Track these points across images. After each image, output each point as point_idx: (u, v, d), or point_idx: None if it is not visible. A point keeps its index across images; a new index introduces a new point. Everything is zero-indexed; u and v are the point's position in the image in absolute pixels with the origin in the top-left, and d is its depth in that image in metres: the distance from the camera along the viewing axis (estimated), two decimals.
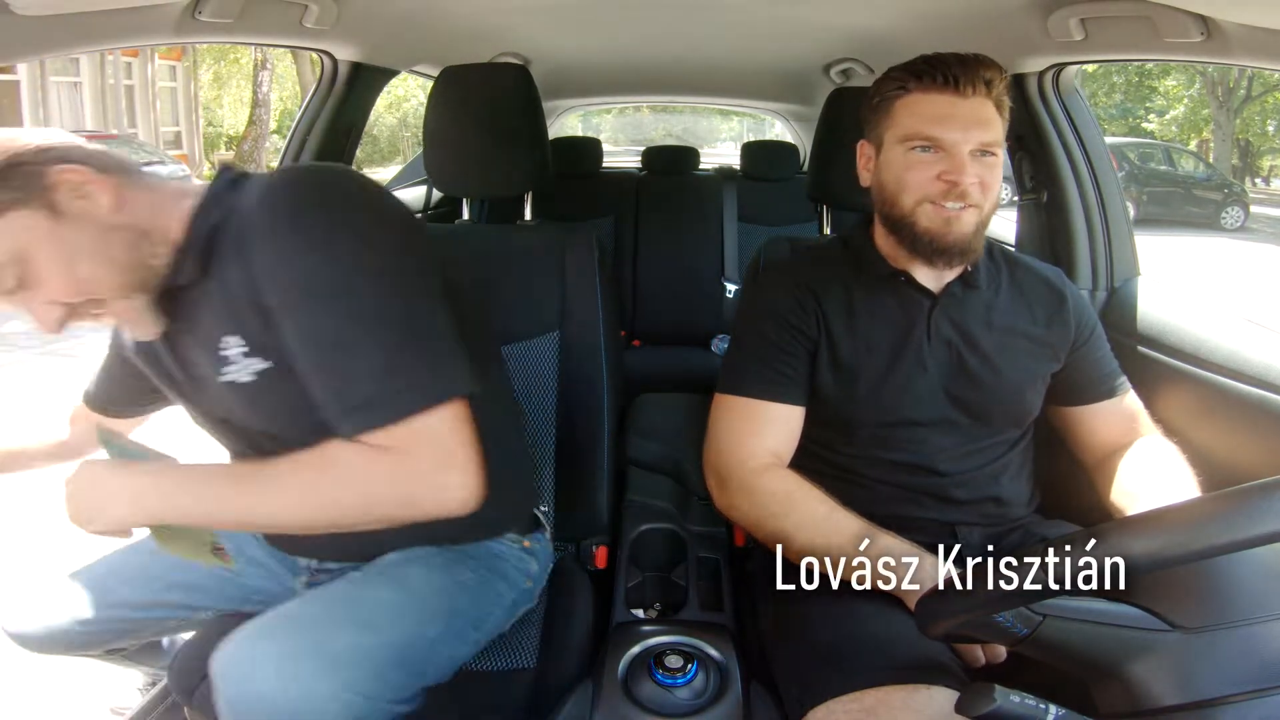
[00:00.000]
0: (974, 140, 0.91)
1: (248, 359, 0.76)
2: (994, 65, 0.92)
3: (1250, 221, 11.14)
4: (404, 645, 0.78)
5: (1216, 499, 0.52)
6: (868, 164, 1.00)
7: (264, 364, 0.76)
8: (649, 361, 2.29)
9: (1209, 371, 1.08)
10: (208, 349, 0.78)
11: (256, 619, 0.76)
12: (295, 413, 0.76)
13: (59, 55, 1.05)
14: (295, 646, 0.72)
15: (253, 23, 1.16)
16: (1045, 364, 1.01)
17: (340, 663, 0.72)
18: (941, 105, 0.91)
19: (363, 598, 0.80)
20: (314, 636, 0.73)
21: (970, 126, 0.91)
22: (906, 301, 0.99)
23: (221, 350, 0.77)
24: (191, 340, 0.80)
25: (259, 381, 0.77)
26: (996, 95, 0.92)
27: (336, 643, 0.73)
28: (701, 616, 1.05)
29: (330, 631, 0.74)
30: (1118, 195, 1.39)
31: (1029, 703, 0.56)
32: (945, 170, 0.91)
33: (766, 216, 2.62)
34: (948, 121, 0.91)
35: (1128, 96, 15.16)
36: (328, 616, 0.76)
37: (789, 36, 1.83)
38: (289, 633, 0.73)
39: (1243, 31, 0.90)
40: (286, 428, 0.79)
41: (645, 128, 11.67)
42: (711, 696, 0.87)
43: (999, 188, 0.95)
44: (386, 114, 12.91)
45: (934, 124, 0.91)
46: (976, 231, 0.94)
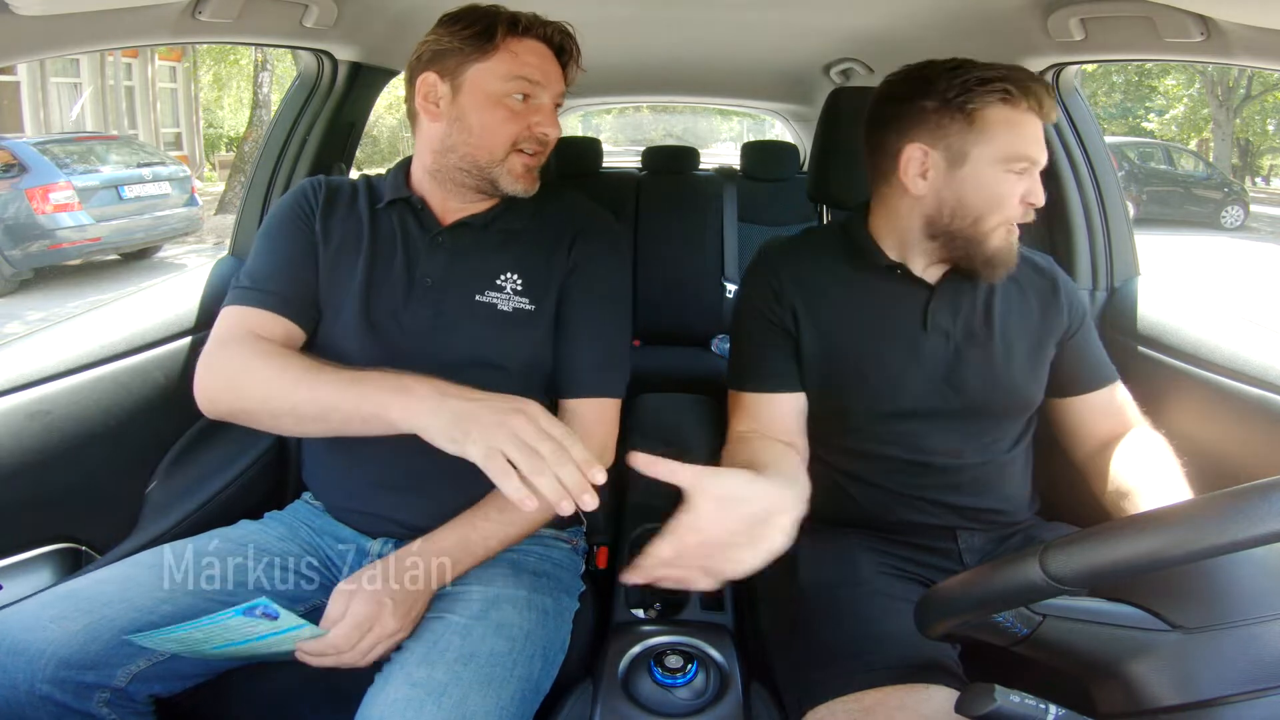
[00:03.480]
0: (1042, 162, 0.91)
1: (518, 296, 0.98)
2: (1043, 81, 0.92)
3: (1250, 220, 11.14)
4: (521, 695, 0.82)
5: (1215, 500, 0.52)
6: (924, 171, 0.93)
7: (528, 306, 0.98)
8: (649, 361, 2.29)
9: (1209, 371, 1.08)
10: (484, 272, 0.98)
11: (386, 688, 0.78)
12: (529, 352, 0.98)
13: (59, 55, 1.05)
14: (442, 717, 0.75)
15: (252, 23, 1.16)
16: (1043, 353, 1.01)
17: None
18: (1035, 127, 0.90)
19: (478, 653, 0.82)
20: (457, 706, 0.76)
21: (1042, 147, 0.91)
22: (903, 293, 0.99)
23: (499, 279, 0.98)
24: (470, 258, 0.98)
25: (512, 316, 0.97)
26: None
27: (476, 709, 0.77)
28: (701, 616, 1.05)
29: (467, 696, 0.78)
30: (1118, 195, 1.39)
31: (1029, 703, 0.56)
32: (1027, 193, 0.91)
33: (766, 216, 2.62)
34: (1038, 145, 0.90)
35: (1128, 96, 15.16)
36: (456, 681, 0.79)
37: (789, 36, 1.83)
38: (432, 708, 0.76)
39: (1243, 31, 0.90)
40: (490, 358, 0.96)
41: (645, 128, 11.67)
42: (711, 696, 0.87)
43: None
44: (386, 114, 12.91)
45: (1034, 146, 0.90)
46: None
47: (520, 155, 0.96)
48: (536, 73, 0.94)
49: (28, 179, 6.16)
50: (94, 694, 0.79)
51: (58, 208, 6.18)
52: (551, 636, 0.91)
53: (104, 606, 0.82)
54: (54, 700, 0.77)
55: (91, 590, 0.84)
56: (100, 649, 0.79)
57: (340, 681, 0.84)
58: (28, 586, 0.98)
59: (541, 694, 0.87)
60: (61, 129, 10.39)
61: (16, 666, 0.77)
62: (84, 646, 0.79)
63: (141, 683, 0.82)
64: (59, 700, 0.78)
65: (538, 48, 0.96)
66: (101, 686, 0.80)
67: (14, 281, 6.22)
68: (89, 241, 6.44)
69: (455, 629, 0.85)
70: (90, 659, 0.79)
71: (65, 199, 6.22)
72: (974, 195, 0.91)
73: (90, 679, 0.79)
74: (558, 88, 0.98)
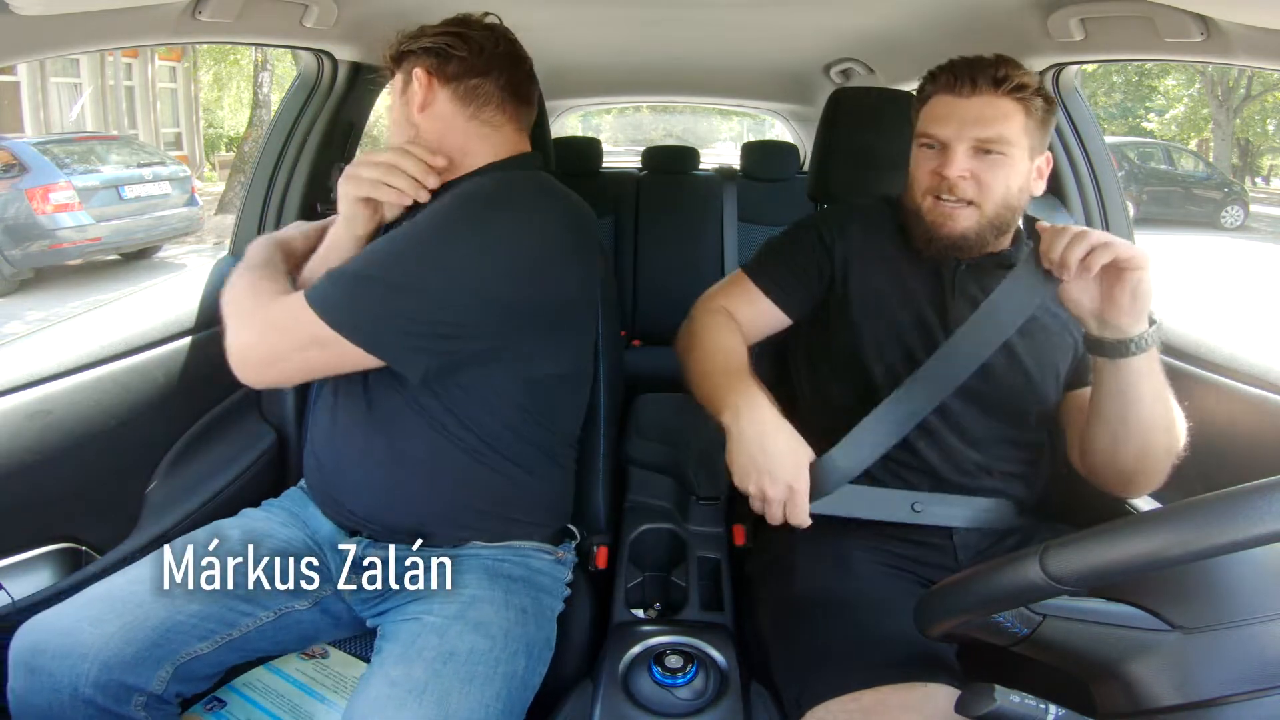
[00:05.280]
0: (968, 137, 0.93)
1: None
2: (1008, 63, 0.94)
3: (1250, 220, 11.12)
4: (508, 692, 0.83)
5: (1215, 500, 0.52)
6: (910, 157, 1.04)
7: None
8: (649, 361, 2.28)
9: (1209, 371, 1.08)
10: None
11: (367, 689, 0.79)
12: None
13: (59, 55, 1.06)
14: (424, 714, 0.76)
15: (252, 23, 1.16)
16: (1065, 352, 1.01)
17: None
18: (945, 106, 0.96)
19: (458, 651, 0.83)
20: (438, 704, 0.77)
21: (967, 124, 0.93)
22: (938, 266, 1.01)
23: None
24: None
25: None
26: (1010, 91, 0.93)
27: (459, 706, 0.78)
28: (701, 616, 1.05)
29: (448, 694, 0.78)
30: (1118, 195, 1.39)
31: (1029, 703, 0.56)
32: (938, 165, 0.96)
33: (766, 216, 2.62)
34: (945, 120, 0.95)
35: (1128, 96, 15.13)
36: (436, 678, 0.79)
37: (789, 36, 1.83)
38: (414, 705, 0.76)
39: (1243, 31, 0.90)
40: None
41: (645, 128, 11.65)
42: (711, 696, 0.87)
43: (1004, 187, 0.95)
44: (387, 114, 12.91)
45: (934, 123, 0.96)
46: (977, 230, 0.95)
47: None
48: None
49: (28, 179, 6.15)
50: (132, 697, 0.81)
51: (58, 208, 6.18)
52: (534, 634, 0.91)
53: (136, 608, 0.83)
54: (96, 704, 0.79)
55: (123, 590, 0.85)
56: (136, 651, 0.81)
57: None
58: (28, 587, 0.99)
59: (531, 690, 0.87)
60: (61, 129, 10.38)
61: (61, 670, 0.78)
62: (121, 649, 0.80)
63: (171, 684, 0.83)
64: (101, 704, 0.79)
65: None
66: (139, 690, 0.81)
67: (14, 281, 6.21)
68: (89, 241, 6.44)
69: (432, 629, 0.85)
70: (128, 661, 0.80)
71: (65, 199, 6.22)
72: (910, 172, 1.01)
73: (130, 681, 0.80)
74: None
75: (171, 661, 0.83)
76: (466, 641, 0.84)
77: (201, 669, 0.86)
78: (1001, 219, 0.96)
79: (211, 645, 0.86)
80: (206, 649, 0.85)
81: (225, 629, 0.87)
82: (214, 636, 0.86)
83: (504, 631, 0.87)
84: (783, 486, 0.82)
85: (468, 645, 0.83)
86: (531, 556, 0.98)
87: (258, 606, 0.90)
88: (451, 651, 0.82)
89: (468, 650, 0.83)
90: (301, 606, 0.93)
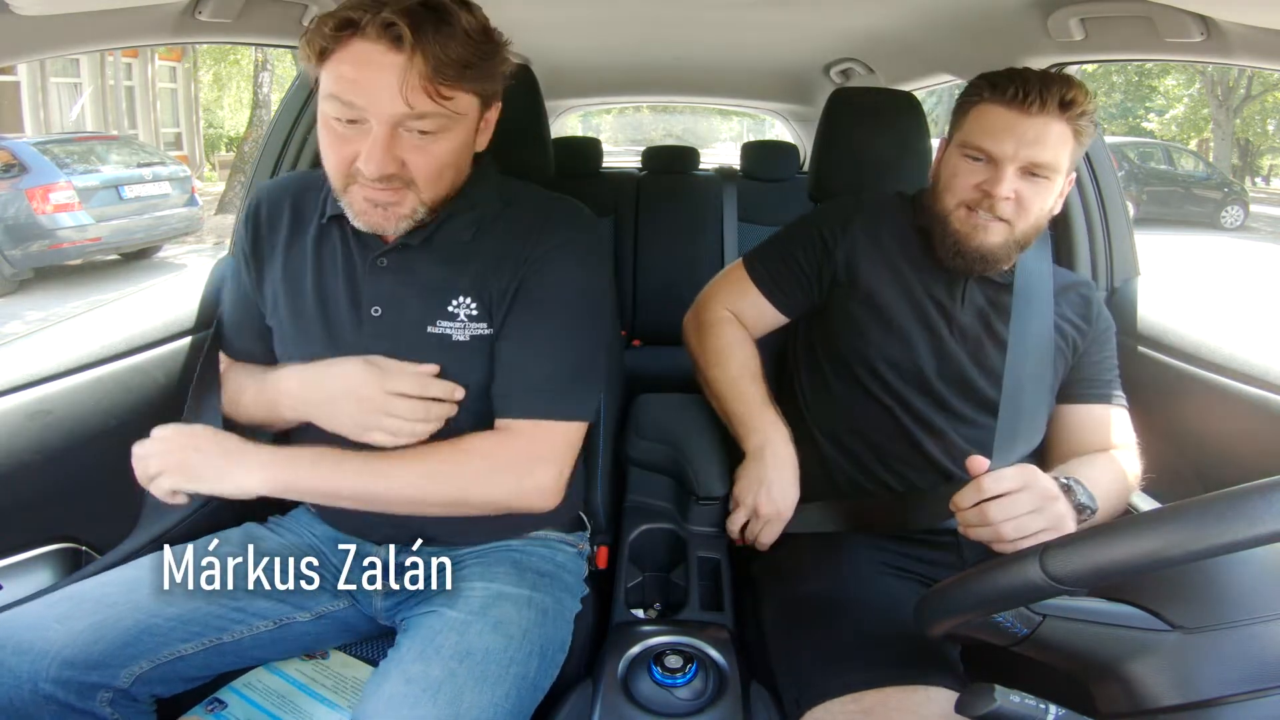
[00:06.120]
0: (1023, 158, 0.91)
1: (474, 323, 0.87)
2: (1076, 86, 0.92)
3: (1250, 220, 11.13)
4: (518, 693, 0.83)
5: (1215, 500, 0.52)
6: (936, 160, 1.03)
7: (485, 330, 0.88)
8: (649, 361, 2.28)
9: (1209, 371, 1.08)
10: (432, 300, 0.87)
11: (383, 685, 0.79)
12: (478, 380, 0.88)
13: (59, 55, 1.06)
14: (437, 714, 0.76)
15: (252, 23, 1.16)
16: (1058, 364, 1.01)
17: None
18: (1002, 119, 0.92)
19: (475, 650, 0.82)
20: (450, 703, 0.77)
21: (1025, 145, 0.91)
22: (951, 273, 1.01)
23: (451, 306, 0.87)
24: (411, 286, 0.87)
25: (470, 344, 0.87)
26: (1072, 117, 0.91)
27: (471, 705, 0.78)
28: (701, 616, 1.05)
29: (461, 692, 0.78)
30: (1118, 195, 1.39)
31: (1029, 703, 0.56)
32: (985, 180, 0.93)
33: (766, 216, 2.62)
34: (1001, 136, 0.92)
35: (1128, 96, 15.14)
36: (451, 677, 0.79)
37: (789, 36, 1.83)
38: (428, 704, 0.76)
39: (1243, 31, 0.90)
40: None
41: (645, 128, 11.65)
42: (711, 696, 0.86)
43: (1039, 209, 0.95)
44: None
45: (987, 136, 0.93)
46: (1004, 247, 0.96)
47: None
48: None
49: (28, 179, 6.16)
50: (97, 693, 0.80)
51: (58, 208, 6.18)
52: (550, 635, 0.91)
53: (108, 608, 0.82)
54: (57, 699, 0.78)
55: (96, 591, 0.85)
56: (104, 649, 0.80)
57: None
58: (28, 586, 0.98)
59: (540, 692, 0.87)
60: (61, 129, 10.39)
61: (20, 665, 0.77)
62: (88, 647, 0.79)
63: (144, 684, 0.83)
64: (62, 700, 0.78)
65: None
66: (104, 686, 0.80)
67: (14, 281, 6.22)
68: (89, 241, 6.45)
69: (453, 625, 0.85)
70: (94, 659, 0.79)
71: (65, 199, 6.22)
72: (940, 175, 1.00)
73: (94, 679, 0.79)
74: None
75: (148, 660, 0.82)
76: (485, 641, 0.84)
77: (187, 670, 0.85)
78: (1027, 238, 0.97)
79: (196, 647, 0.86)
80: (190, 650, 0.85)
81: (214, 632, 0.87)
82: (200, 639, 0.86)
83: (523, 632, 0.87)
84: (774, 511, 0.99)
85: (485, 644, 0.83)
86: (557, 549, 0.99)
87: (255, 615, 0.90)
88: (469, 650, 0.82)
89: (485, 650, 0.83)
90: (303, 618, 0.93)
